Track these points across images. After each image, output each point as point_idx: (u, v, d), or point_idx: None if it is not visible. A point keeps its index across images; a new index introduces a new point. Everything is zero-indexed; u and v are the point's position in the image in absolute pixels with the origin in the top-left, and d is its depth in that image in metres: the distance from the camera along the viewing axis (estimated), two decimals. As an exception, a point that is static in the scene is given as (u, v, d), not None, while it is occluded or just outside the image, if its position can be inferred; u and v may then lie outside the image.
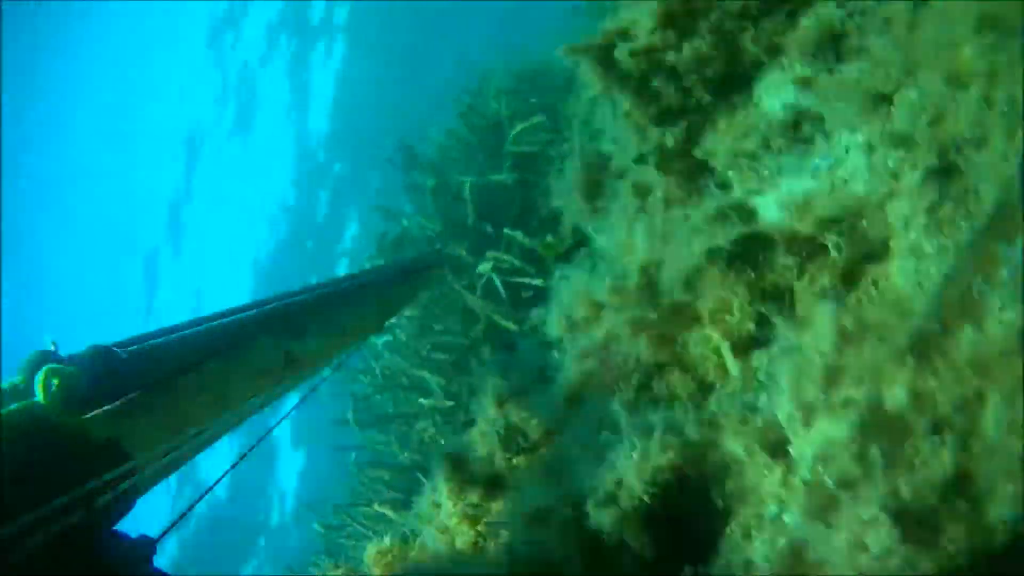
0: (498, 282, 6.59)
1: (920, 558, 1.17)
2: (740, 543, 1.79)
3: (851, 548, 1.15)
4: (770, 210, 2.44)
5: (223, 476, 2.63)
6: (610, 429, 2.20)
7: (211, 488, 2.58)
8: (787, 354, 1.85)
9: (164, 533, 2.13)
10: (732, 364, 2.40)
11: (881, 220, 2.07)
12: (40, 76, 24.09)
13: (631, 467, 1.95)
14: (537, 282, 6.08)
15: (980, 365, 1.40)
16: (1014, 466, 1.25)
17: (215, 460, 3.24)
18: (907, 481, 1.31)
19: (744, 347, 2.41)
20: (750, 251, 2.42)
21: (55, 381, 1.99)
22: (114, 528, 2.05)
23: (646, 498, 1.92)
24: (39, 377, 1.98)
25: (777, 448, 1.76)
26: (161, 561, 2.03)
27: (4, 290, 22.83)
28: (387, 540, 2.98)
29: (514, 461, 2.91)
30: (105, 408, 2.18)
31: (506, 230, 6.67)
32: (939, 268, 1.76)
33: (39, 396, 1.96)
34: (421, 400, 6.97)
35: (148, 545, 2.05)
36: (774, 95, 2.74)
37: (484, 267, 6.78)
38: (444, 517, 2.92)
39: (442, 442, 6.77)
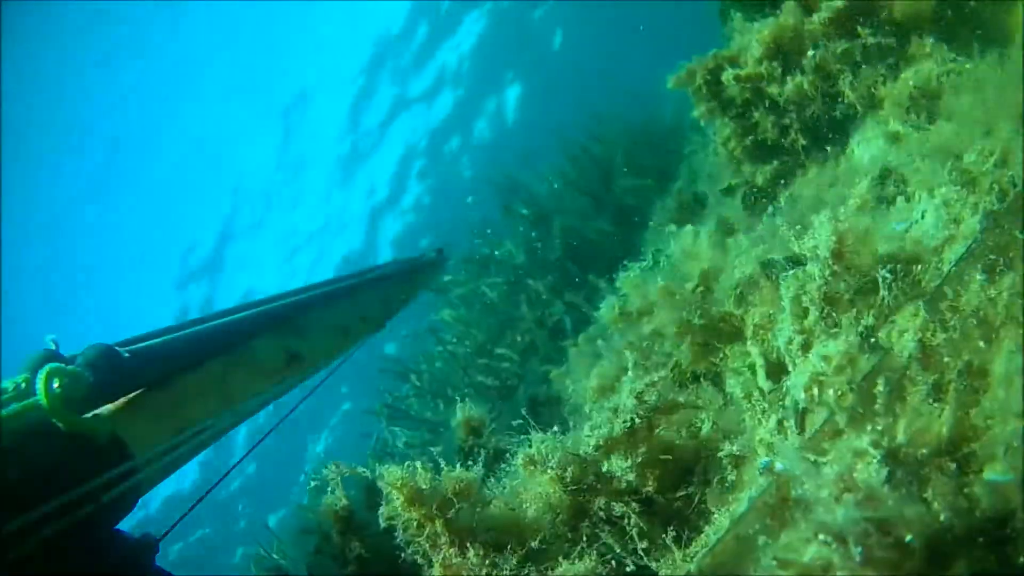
0: (568, 324, 6.64)
1: (902, 505, 1.13)
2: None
3: (837, 482, 1.13)
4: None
5: (225, 476, 2.68)
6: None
7: (212, 488, 2.56)
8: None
9: (166, 533, 2.17)
10: (763, 382, 2.36)
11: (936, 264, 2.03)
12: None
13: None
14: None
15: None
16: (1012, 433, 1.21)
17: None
18: (905, 426, 1.28)
19: (778, 372, 2.36)
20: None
21: (57, 381, 1.97)
22: (117, 527, 2.08)
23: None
24: (41, 377, 1.96)
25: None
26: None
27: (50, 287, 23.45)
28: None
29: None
30: (107, 407, 2.20)
31: (591, 276, 6.74)
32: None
33: (41, 396, 1.94)
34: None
35: (150, 544, 2.07)
36: (865, 148, 2.79)
37: (559, 309, 6.85)
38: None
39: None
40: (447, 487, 2.00)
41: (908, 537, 1.13)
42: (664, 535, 1.85)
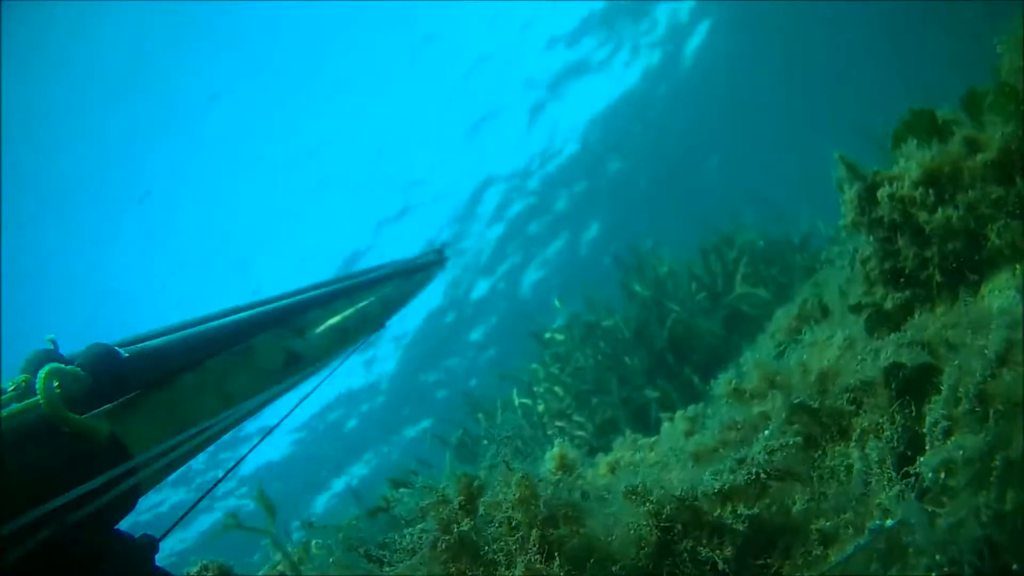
0: (654, 411, 6.71)
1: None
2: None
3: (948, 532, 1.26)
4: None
5: (225, 475, 2.71)
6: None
7: (212, 488, 2.63)
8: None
9: (166, 533, 2.18)
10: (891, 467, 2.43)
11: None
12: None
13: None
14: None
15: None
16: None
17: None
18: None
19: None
20: (925, 388, 2.47)
21: (56, 381, 1.95)
22: (116, 527, 2.06)
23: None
24: (40, 377, 1.93)
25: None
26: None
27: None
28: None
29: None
30: (106, 407, 2.18)
31: (687, 370, 6.83)
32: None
33: (40, 396, 1.91)
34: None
35: (150, 544, 2.08)
36: (998, 297, 2.85)
37: (650, 393, 6.94)
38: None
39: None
40: (559, 506, 2.15)
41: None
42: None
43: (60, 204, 21.58)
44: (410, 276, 4.31)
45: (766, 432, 2.18)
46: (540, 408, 7.69)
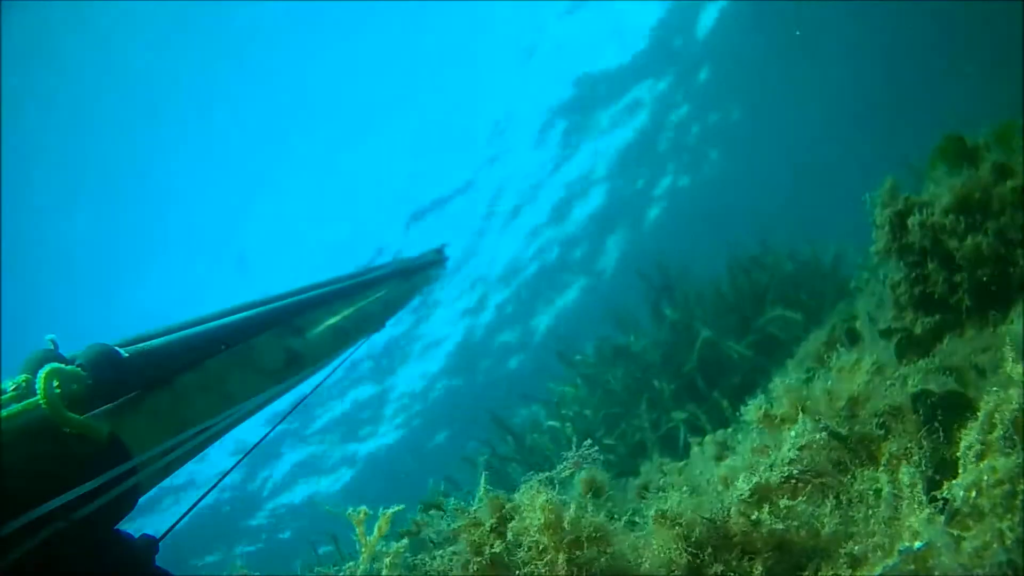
0: (683, 434, 6.69)
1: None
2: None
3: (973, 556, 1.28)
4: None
5: (224, 476, 2.66)
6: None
7: (212, 488, 2.57)
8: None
9: (166, 533, 2.18)
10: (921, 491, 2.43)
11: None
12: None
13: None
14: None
15: None
16: None
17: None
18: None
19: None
20: (956, 415, 2.48)
21: (56, 381, 1.97)
22: (116, 527, 2.07)
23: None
24: (40, 377, 1.95)
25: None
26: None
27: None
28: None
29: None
30: (106, 407, 2.18)
31: (716, 393, 6.81)
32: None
33: (40, 396, 1.92)
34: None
35: (150, 544, 2.08)
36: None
37: (678, 415, 6.92)
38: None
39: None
40: (585, 527, 2.17)
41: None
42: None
43: (60, 203, 21.73)
44: (409, 276, 4.36)
45: (792, 433, 2.21)
46: (568, 430, 7.69)
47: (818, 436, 2.18)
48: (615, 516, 2.56)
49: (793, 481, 2.13)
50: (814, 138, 23.82)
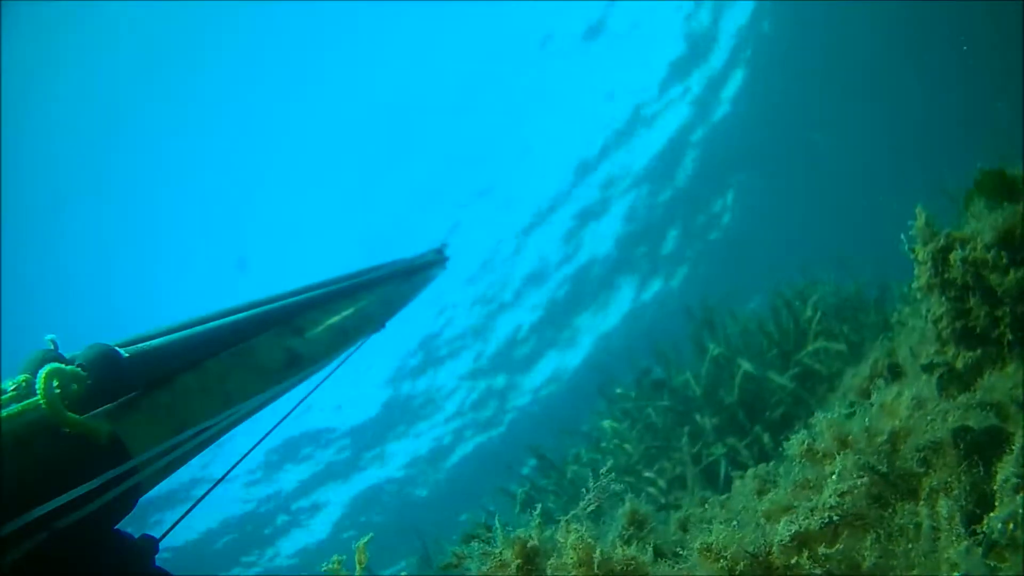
0: (723, 469, 6.67)
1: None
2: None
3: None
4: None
5: (226, 475, 2.67)
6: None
7: (212, 488, 2.60)
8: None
9: (166, 533, 2.18)
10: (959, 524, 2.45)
11: None
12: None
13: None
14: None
15: None
16: None
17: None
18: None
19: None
20: (995, 450, 2.49)
21: (56, 381, 1.96)
22: (116, 527, 2.06)
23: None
24: (40, 377, 1.94)
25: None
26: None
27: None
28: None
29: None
30: (106, 408, 2.18)
31: (758, 427, 6.78)
32: None
33: (40, 396, 1.92)
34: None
35: (150, 544, 2.07)
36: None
37: (718, 450, 6.90)
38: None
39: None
40: (618, 562, 2.21)
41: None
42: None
43: (61, 203, 22.01)
44: (410, 276, 4.36)
45: (834, 476, 2.25)
46: (609, 464, 7.64)
47: (859, 481, 2.19)
48: (658, 548, 2.61)
49: (834, 526, 2.15)
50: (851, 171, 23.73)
